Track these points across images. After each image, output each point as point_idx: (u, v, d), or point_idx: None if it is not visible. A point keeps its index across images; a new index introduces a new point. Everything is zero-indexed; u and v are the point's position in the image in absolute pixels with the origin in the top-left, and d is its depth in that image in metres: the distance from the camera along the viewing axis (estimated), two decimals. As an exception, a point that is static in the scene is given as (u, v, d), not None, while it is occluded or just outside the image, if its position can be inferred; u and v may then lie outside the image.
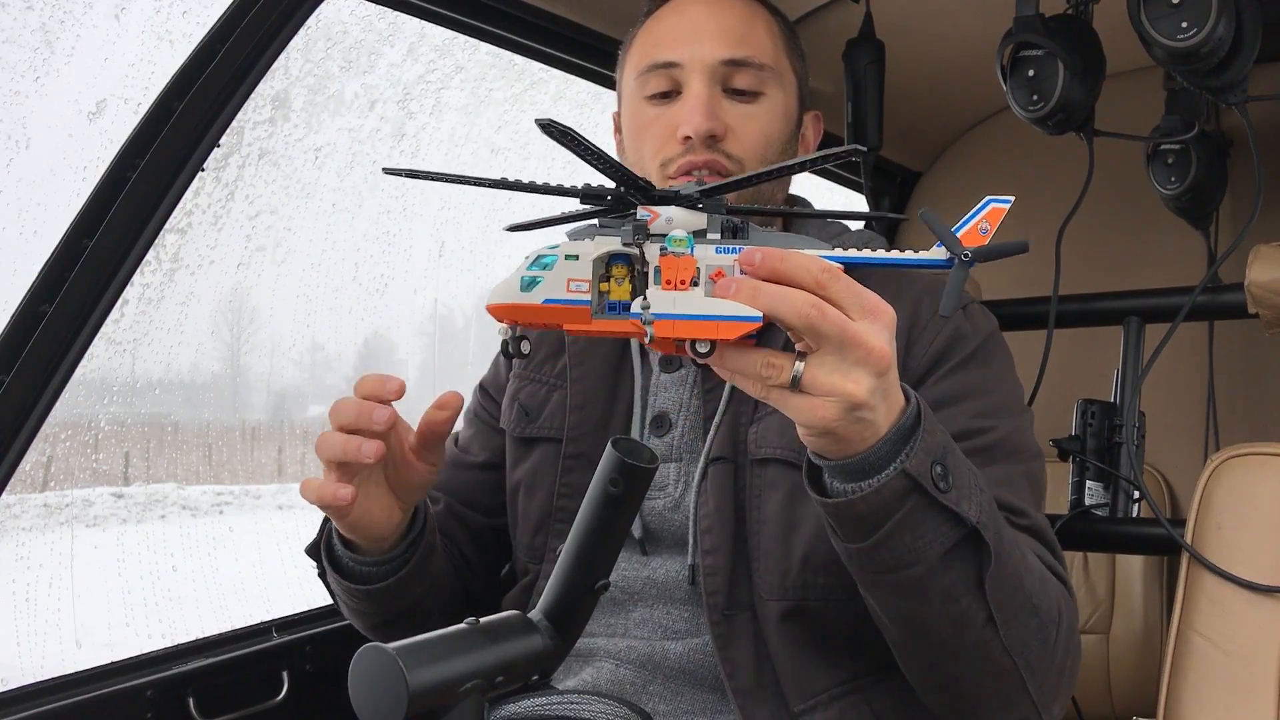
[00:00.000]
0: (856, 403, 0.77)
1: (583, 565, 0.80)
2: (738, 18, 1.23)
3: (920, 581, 0.88)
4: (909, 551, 0.86)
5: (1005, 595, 0.92)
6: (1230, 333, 2.08)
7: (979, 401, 1.11)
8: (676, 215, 0.78)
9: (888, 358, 0.77)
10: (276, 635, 1.58)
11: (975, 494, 0.89)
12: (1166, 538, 1.39)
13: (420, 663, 0.70)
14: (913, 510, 0.85)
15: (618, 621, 1.18)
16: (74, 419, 3.27)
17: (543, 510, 1.25)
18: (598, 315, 0.78)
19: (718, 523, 1.13)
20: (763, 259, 0.75)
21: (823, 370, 0.76)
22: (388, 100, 2.89)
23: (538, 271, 0.78)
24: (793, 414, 0.79)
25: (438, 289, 6.39)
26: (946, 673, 0.98)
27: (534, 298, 0.78)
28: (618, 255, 0.78)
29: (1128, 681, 2.07)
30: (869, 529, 0.86)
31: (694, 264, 0.77)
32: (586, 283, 0.78)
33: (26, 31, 1.92)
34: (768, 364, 0.77)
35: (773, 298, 0.75)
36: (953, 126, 2.39)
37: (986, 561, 0.89)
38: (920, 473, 0.83)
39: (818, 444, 0.83)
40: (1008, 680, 0.96)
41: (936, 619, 0.92)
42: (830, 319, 0.75)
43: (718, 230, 0.79)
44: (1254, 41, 1.37)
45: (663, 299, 0.76)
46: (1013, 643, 0.94)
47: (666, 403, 1.22)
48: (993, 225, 0.80)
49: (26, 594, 4.34)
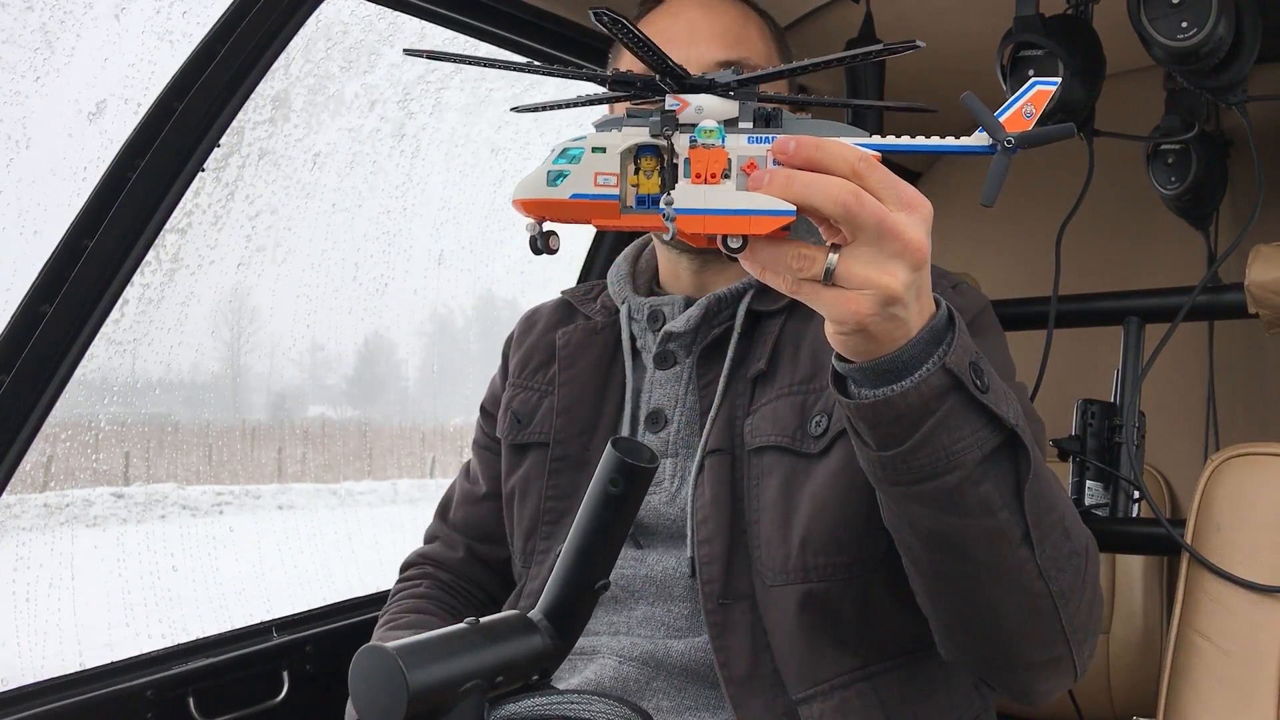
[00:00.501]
0: (892, 296, 0.75)
1: (582, 565, 0.80)
2: (731, 20, 1.23)
3: (956, 489, 0.84)
4: (946, 455, 0.82)
5: (1041, 513, 0.88)
6: (1230, 333, 2.07)
7: None
8: (707, 104, 0.75)
9: (924, 250, 0.75)
10: (276, 635, 1.58)
11: (1009, 400, 0.86)
12: (1166, 538, 1.39)
13: (420, 663, 0.70)
14: (952, 410, 0.81)
15: (619, 620, 1.18)
16: (74, 419, 3.27)
17: (533, 514, 1.26)
18: (626, 210, 0.75)
19: (714, 512, 1.13)
20: (797, 147, 0.72)
21: (858, 262, 0.74)
22: (388, 100, 2.89)
23: (564, 165, 0.75)
24: (825, 309, 0.76)
25: (438, 289, 6.39)
26: (980, 602, 0.93)
27: (561, 192, 0.75)
28: (646, 147, 0.75)
29: (1128, 681, 2.07)
30: (905, 431, 0.82)
31: (725, 156, 0.73)
32: (615, 176, 0.74)
33: (26, 31, 1.92)
34: (800, 255, 0.74)
35: (808, 186, 0.72)
36: (953, 126, 2.39)
37: (1025, 471, 0.86)
38: (960, 370, 0.80)
39: (848, 344, 0.80)
40: (1043, 609, 0.92)
41: (971, 534, 0.87)
42: (869, 207, 0.72)
43: (750, 119, 0.76)
44: (1254, 41, 1.37)
45: (692, 193, 0.73)
46: (1048, 566, 0.90)
47: (662, 399, 1.22)
48: (1038, 108, 0.76)
49: (26, 594, 4.34)
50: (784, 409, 1.13)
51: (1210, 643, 1.27)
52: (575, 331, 1.30)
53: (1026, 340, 1.69)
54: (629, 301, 1.27)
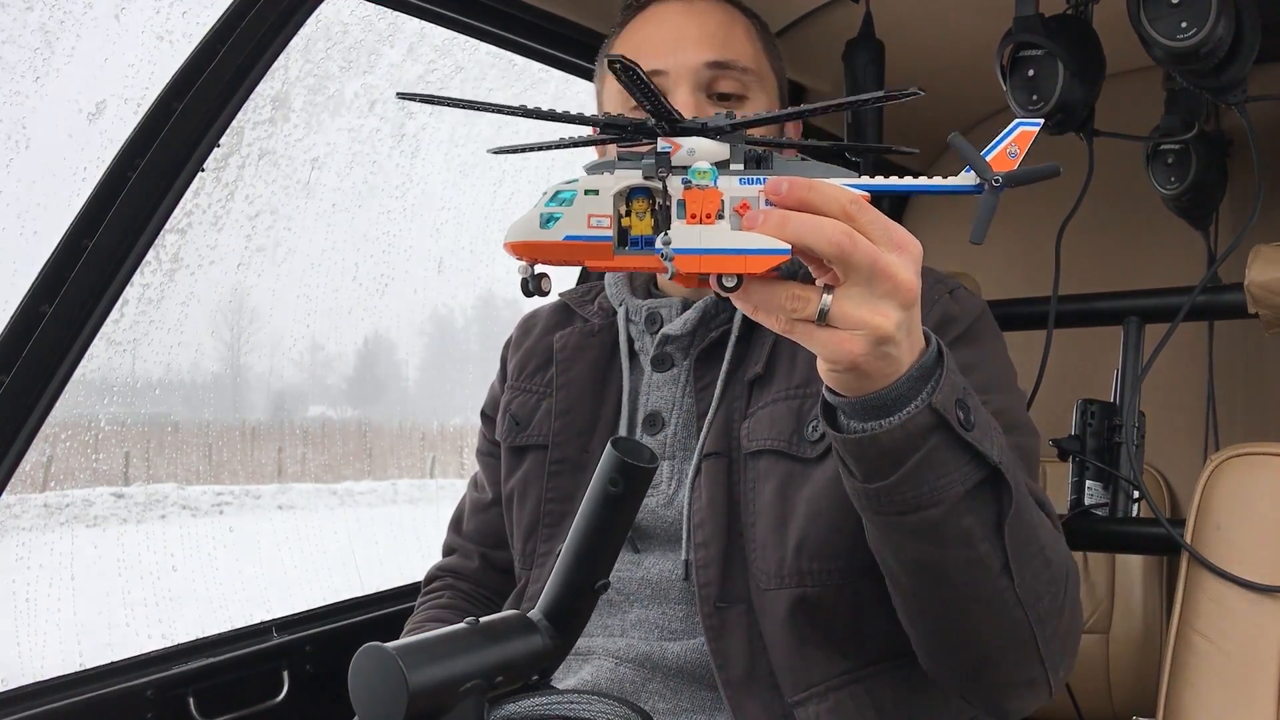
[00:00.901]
0: (884, 336, 0.76)
1: (582, 565, 0.80)
2: (718, 23, 1.22)
3: (939, 523, 0.86)
4: (930, 491, 0.84)
5: (1021, 543, 0.90)
6: (1230, 333, 2.07)
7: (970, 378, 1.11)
8: (699, 146, 0.76)
9: (914, 290, 0.76)
10: (276, 635, 1.58)
11: (995, 435, 0.87)
12: (1166, 538, 1.39)
13: (420, 662, 0.70)
14: (936, 447, 0.83)
15: (614, 622, 1.18)
16: (74, 419, 3.27)
17: (532, 516, 1.26)
18: (619, 251, 0.76)
19: (710, 516, 1.13)
20: (790, 188, 0.74)
21: (850, 303, 0.75)
22: (388, 100, 2.89)
23: (556, 207, 0.76)
24: (818, 348, 0.77)
25: (438, 289, 6.38)
26: (959, 626, 0.96)
27: (554, 235, 0.76)
28: (638, 189, 0.76)
29: (1128, 681, 2.07)
30: (890, 466, 0.83)
31: (719, 196, 0.74)
32: (608, 218, 0.75)
33: (26, 31, 1.92)
34: (793, 296, 0.75)
35: (803, 226, 0.73)
36: (953, 126, 2.38)
37: (1006, 505, 0.87)
38: (945, 408, 0.81)
39: (840, 380, 0.81)
40: (1020, 634, 0.94)
41: (953, 563, 0.89)
42: (862, 248, 0.73)
43: (741, 160, 0.77)
44: (1254, 42, 1.37)
45: (687, 233, 0.74)
46: (1026, 594, 0.92)
47: (659, 402, 1.22)
48: (1022, 149, 0.78)
49: (26, 594, 4.34)
50: (781, 413, 1.13)
51: (1210, 642, 1.27)
52: (573, 334, 1.30)
53: (1026, 340, 1.69)
54: (626, 303, 1.27)
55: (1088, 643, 2.09)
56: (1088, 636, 2.09)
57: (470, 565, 1.40)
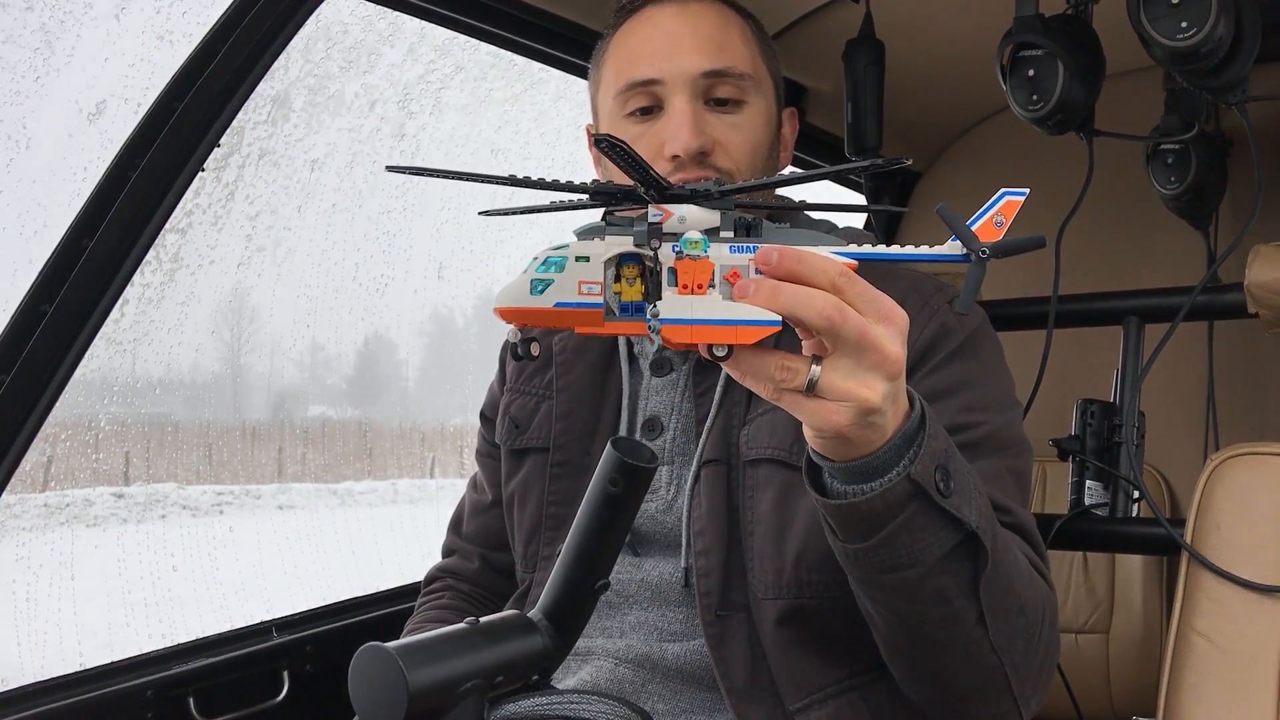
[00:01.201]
0: (870, 408, 0.77)
1: (582, 565, 0.80)
2: (713, 27, 1.21)
3: (917, 583, 0.89)
4: (907, 554, 0.87)
5: (997, 596, 0.93)
6: (1230, 333, 2.07)
7: (966, 396, 1.12)
8: (690, 214, 0.77)
9: (900, 363, 0.77)
10: (276, 635, 1.58)
11: (974, 497, 0.89)
12: (1166, 538, 1.39)
13: (420, 663, 0.70)
14: (914, 515, 0.85)
15: (613, 624, 1.18)
16: (74, 419, 3.27)
17: (534, 519, 1.26)
18: (610, 317, 0.77)
19: (710, 524, 1.13)
20: (779, 259, 0.74)
21: (838, 375, 0.76)
22: (388, 100, 2.89)
23: (547, 274, 0.76)
24: (806, 418, 0.78)
25: (438, 289, 6.38)
26: (933, 668, 0.99)
27: (545, 301, 0.76)
28: (629, 255, 0.77)
29: (1128, 681, 2.07)
30: (869, 531, 0.86)
31: (710, 267, 0.75)
32: (599, 285, 0.75)
33: (26, 31, 1.93)
34: (782, 367, 0.76)
35: (794, 299, 0.73)
36: (953, 126, 2.39)
37: (983, 565, 0.90)
38: (924, 478, 0.83)
39: (826, 446, 0.82)
40: (993, 677, 0.97)
41: (929, 618, 0.92)
42: (851, 321, 0.74)
43: (731, 228, 0.78)
44: (1254, 42, 1.37)
45: (679, 304, 0.75)
46: (1000, 641, 0.95)
47: (658, 406, 1.22)
48: (1008, 218, 0.79)
49: (27, 594, 4.34)
50: (781, 421, 1.13)
51: (1210, 642, 1.27)
52: (571, 336, 1.30)
53: (1026, 340, 1.69)
54: None
55: (1088, 643, 2.09)
56: (1088, 636, 2.09)
57: (470, 567, 1.40)
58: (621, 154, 0.72)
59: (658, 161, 1.18)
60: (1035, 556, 1.06)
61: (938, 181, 2.46)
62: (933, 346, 1.13)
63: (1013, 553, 0.97)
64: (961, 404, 1.10)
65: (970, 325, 1.17)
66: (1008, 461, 1.11)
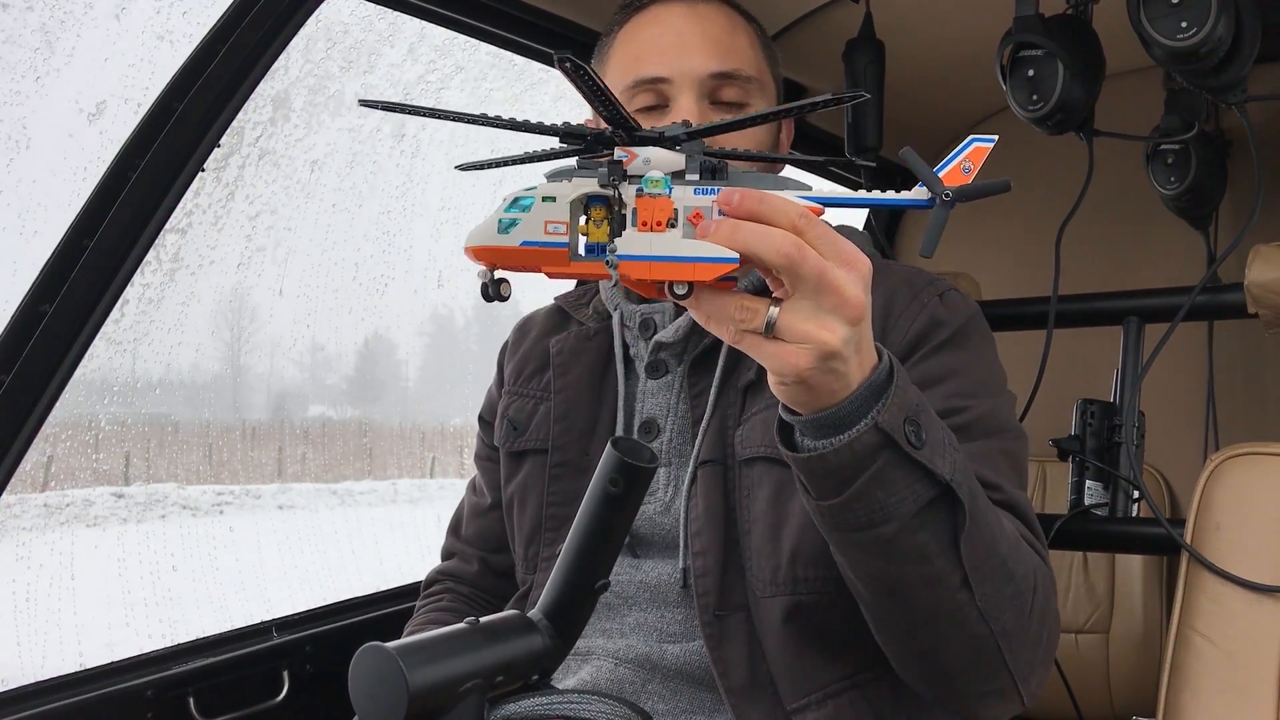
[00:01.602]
0: (830, 351, 0.76)
1: (582, 564, 0.80)
2: (721, 29, 1.21)
3: (893, 540, 0.87)
4: (881, 508, 0.85)
5: (980, 558, 0.91)
6: (1230, 333, 2.08)
7: (955, 383, 1.11)
8: (655, 156, 0.77)
9: (862, 307, 0.77)
10: (276, 635, 1.58)
11: (948, 452, 0.88)
12: (1166, 538, 1.39)
13: (420, 662, 0.70)
14: (885, 466, 0.84)
15: (613, 625, 1.18)
16: (74, 419, 3.27)
17: (534, 521, 1.26)
18: (576, 257, 0.77)
19: (708, 524, 1.13)
20: (740, 199, 0.74)
21: (798, 316, 0.76)
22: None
23: (515, 213, 0.77)
24: (765, 360, 0.78)
25: (438, 289, 6.39)
26: (922, 639, 0.97)
27: (511, 240, 0.77)
28: (596, 196, 0.77)
29: (1128, 681, 2.07)
30: (840, 485, 0.84)
31: (670, 205, 0.75)
32: (564, 224, 0.76)
33: (26, 31, 1.93)
34: (742, 307, 0.76)
35: (752, 234, 0.73)
36: (953, 126, 2.39)
37: (961, 521, 0.88)
38: (893, 428, 0.82)
39: (789, 394, 0.82)
40: (984, 647, 0.95)
41: (910, 580, 0.91)
42: (810, 260, 0.74)
43: (696, 171, 0.78)
44: (1254, 41, 1.37)
45: (638, 240, 0.75)
46: (988, 607, 0.93)
47: (654, 408, 1.22)
48: (975, 165, 0.79)
49: (26, 594, 4.35)
50: (774, 419, 1.14)
51: (1210, 642, 1.27)
52: (569, 338, 1.30)
53: (1026, 340, 1.69)
54: (620, 308, 1.27)
55: (1088, 643, 2.09)
56: (1088, 636, 2.10)
57: (470, 569, 1.40)
58: (585, 79, 0.71)
59: None
60: (1029, 533, 1.04)
61: (938, 181, 2.46)
62: (922, 338, 1.13)
63: (996, 517, 0.95)
64: (950, 390, 1.10)
65: (961, 317, 1.17)
66: (999, 444, 1.10)
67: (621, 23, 1.26)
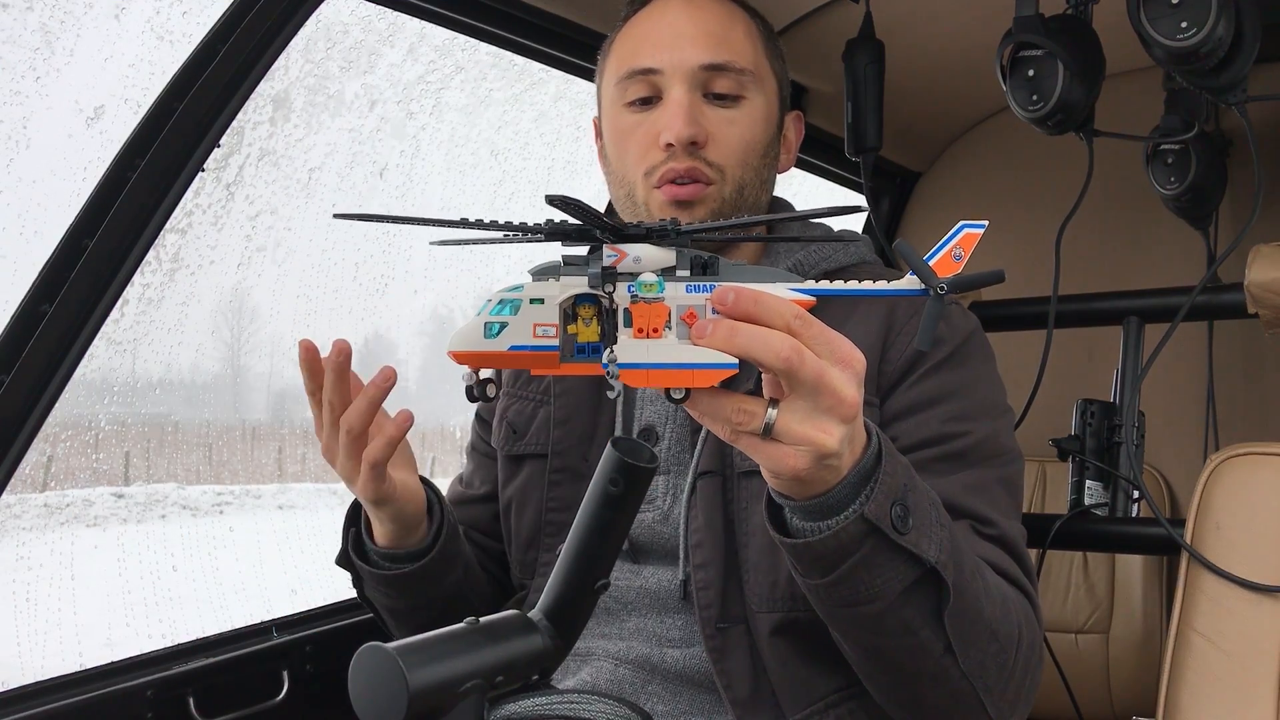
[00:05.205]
0: (826, 452, 0.77)
1: (582, 564, 0.80)
2: (717, 22, 1.22)
3: (879, 616, 0.89)
4: (866, 589, 0.87)
5: (964, 627, 0.93)
6: (1230, 333, 2.08)
7: (954, 405, 1.11)
8: (645, 254, 0.75)
9: (856, 405, 0.77)
10: (276, 635, 1.58)
11: (935, 531, 0.89)
12: (1166, 538, 1.39)
13: (420, 662, 0.70)
14: (870, 552, 0.85)
15: (613, 629, 1.18)
16: (74, 419, 3.27)
17: (533, 525, 1.26)
18: (566, 359, 0.76)
19: (708, 537, 1.13)
20: (735, 299, 0.73)
21: (795, 418, 0.75)
22: (388, 100, 2.89)
23: (501, 316, 0.75)
24: (762, 461, 0.78)
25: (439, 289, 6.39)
26: (906, 694, 0.99)
27: (499, 344, 0.74)
28: (584, 295, 0.75)
29: (1128, 681, 2.07)
30: (827, 568, 0.86)
31: (665, 310, 0.74)
32: (554, 327, 0.74)
33: (26, 32, 1.92)
34: (739, 410, 0.76)
35: (751, 341, 0.72)
36: (953, 126, 2.39)
37: (945, 597, 0.90)
38: (879, 516, 0.83)
39: (782, 486, 0.83)
40: (965, 700, 0.97)
41: (895, 649, 0.93)
42: (809, 364, 0.73)
43: (687, 266, 0.76)
44: (1254, 41, 1.37)
45: (635, 347, 0.74)
46: (971, 668, 0.95)
47: (653, 416, 1.22)
48: (966, 251, 0.78)
49: (27, 594, 4.35)
50: None
51: (1210, 642, 1.27)
52: None
53: (1026, 340, 1.69)
54: None
55: (1088, 643, 2.09)
56: (1088, 636, 2.10)
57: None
58: (574, 208, 0.70)
59: (652, 151, 1.19)
60: (1017, 572, 1.06)
61: (938, 181, 2.46)
62: (921, 356, 1.13)
63: (981, 579, 0.96)
64: (949, 413, 1.10)
65: (960, 334, 1.17)
66: (996, 471, 1.10)
67: (625, 19, 1.28)
